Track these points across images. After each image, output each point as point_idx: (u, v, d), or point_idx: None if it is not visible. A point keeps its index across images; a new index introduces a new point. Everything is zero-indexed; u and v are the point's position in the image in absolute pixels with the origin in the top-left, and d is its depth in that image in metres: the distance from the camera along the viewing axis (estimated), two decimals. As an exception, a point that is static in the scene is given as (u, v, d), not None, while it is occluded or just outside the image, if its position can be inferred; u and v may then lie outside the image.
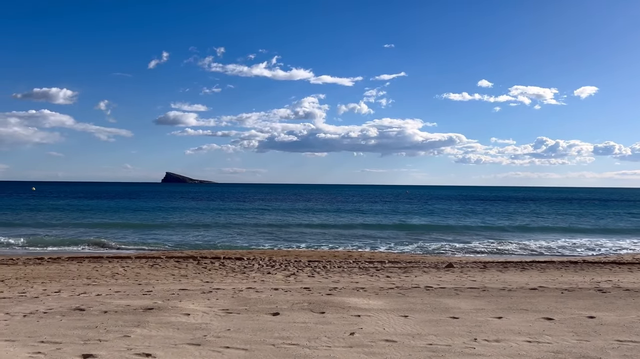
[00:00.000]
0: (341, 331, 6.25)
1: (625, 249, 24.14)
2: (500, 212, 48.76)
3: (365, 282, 12.51)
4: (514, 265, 17.25)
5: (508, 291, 10.57)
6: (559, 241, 26.37)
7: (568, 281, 12.84)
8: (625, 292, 10.40)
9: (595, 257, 20.49)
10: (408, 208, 53.25)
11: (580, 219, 42.56)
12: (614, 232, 30.36)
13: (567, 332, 6.33)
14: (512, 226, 33.85)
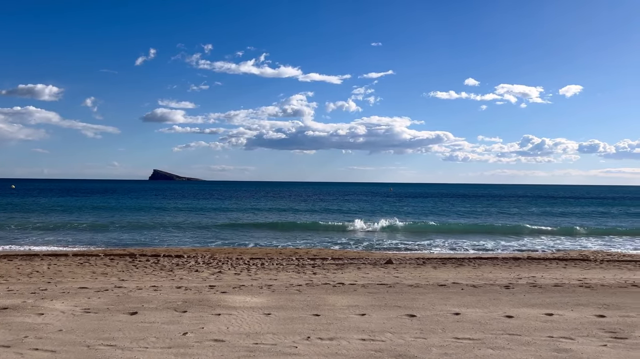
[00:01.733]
0: (177, 331, 6.03)
1: (584, 248, 24.14)
2: (472, 212, 48.84)
3: (283, 278, 12.32)
4: (453, 261, 17.12)
5: (415, 287, 10.43)
6: (523, 239, 26.35)
7: (489, 277, 12.72)
8: (532, 288, 10.30)
9: (541, 254, 20.45)
10: (379, 207, 53.04)
11: (550, 217, 42.71)
12: (578, 234, 30.34)
13: (415, 329, 6.17)
14: (477, 224, 33.81)
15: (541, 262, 17.21)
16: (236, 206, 52.64)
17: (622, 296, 8.85)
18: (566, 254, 20.52)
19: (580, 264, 16.89)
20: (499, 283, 11.21)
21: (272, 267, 15.48)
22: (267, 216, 38.70)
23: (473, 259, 17.68)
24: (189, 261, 17.11)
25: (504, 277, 12.69)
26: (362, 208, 50.36)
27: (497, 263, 16.77)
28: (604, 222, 37.39)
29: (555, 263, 16.94)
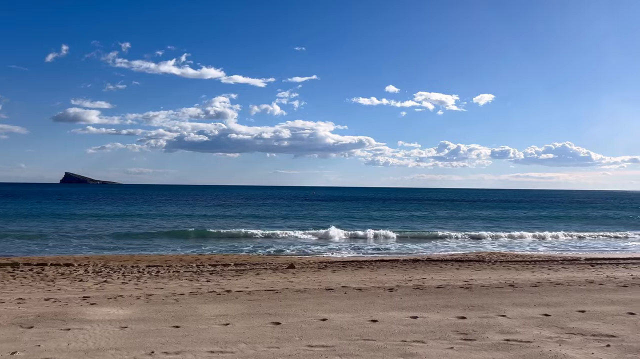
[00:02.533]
0: (7, 350, 5.45)
1: (485, 249, 25.23)
2: (386, 216, 49.96)
3: (170, 287, 11.77)
4: (354, 264, 17.24)
5: (301, 292, 10.31)
6: (430, 241, 27.13)
7: (381, 279, 12.85)
8: (415, 290, 10.47)
9: (441, 256, 21.13)
10: (294, 212, 52.92)
11: (458, 220, 44.54)
12: (482, 236, 31.76)
13: (273, 338, 5.97)
14: (387, 227, 34.56)
15: (438, 264, 17.73)
16: (148, 211, 50.57)
17: (492, 296, 9.17)
18: (464, 255, 21.35)
19: (474, 265, 17.56)
20: (387, 286, 11.34)
21: (165, 276, 14.82)
22: (178, 222, 37.44)
23: (374, 262, 17.91)
24: (78, 269, 16.04)
25: (395, 279, 12.87)
26: (280, 213, 50.01)
27: (395, 266, 17.06)
28: (508, 224, 39.52)
29: (451, 264, 17.52)
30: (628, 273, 14.34)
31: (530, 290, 10.13)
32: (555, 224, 40.34)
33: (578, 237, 29.18)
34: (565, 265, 17.64)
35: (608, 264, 17.94)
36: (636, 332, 6.10)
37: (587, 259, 19.78)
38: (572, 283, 11.69)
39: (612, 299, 8.71)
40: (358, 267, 16.63)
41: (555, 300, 8.55)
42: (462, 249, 24.74)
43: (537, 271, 15.45)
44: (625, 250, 24.58)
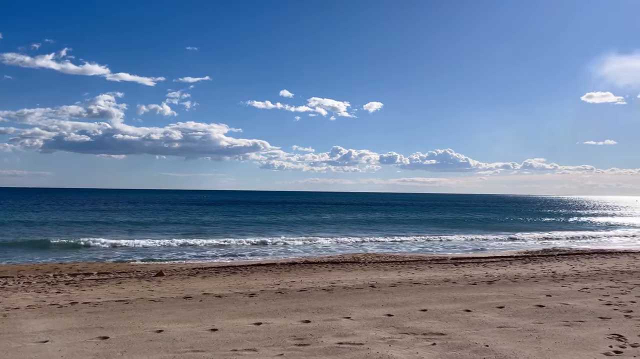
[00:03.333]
0: None
1: (366, 251, 25.83)
2: (274, 220, 49.84)
3: (11, 301, 10.49)
4: (227, 270, 16.74)
5: (154, 301, 9.66)
6: (312, 244, 27.22)
7: (249, 284, 12.51)
8: (276, 294, 10.26)
9: (318, 258, 21.29)
10: (176, 217, 50.96)
11: (345, 223, 45.57)
12: (367, 238, 32.66)
13: (91, 355, 5.36)
14: (273, 231, 34.37)
15: (313, 266, 17.79)
16: (11, 217, 45.92)
17: (347, 298, 9.22)
18: (341, 257, 21.72)
19: (347, 267, 17.82)
20: (251, 291, 11.03)
21: (11, 288, 13.31)
22: (45, 229, 34.34)
23: (249, 267, 17.56)
24: None
25: (264, 284, 12.61)
26: (160, 219, 47.71)
27: (271, 269, 16.83)
28: (390, 227, 41.14)
29: (325, 267, 17.66)
30: (483, 271, 15.34)
31: (386, 290, 10.35)
32: (434, 226, 42.77)
33: (447, 239, 31.00)
34: (432, 265, 18.53)
35: (470, 264, 19.15)
36: (464, 329, 6.32)
37: (453, 259, 21.02)
38: (430, 281, 12.19)
39: (457, 296, 9.12)
40: (231, 272, 16.19)
41: (404, 299, 8.76)
42: (342, 251, 25.19)
43: (405, 271, 16.03)
44: (494, 249, 26.48)
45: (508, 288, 10.35)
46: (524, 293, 9.47)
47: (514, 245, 29.13)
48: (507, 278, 12.75)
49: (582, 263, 18.22)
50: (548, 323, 6.71)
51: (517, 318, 7.07)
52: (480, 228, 40.79)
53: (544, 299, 8.71)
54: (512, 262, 19.48)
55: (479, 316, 7.20)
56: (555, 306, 7.95)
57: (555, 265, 17.62)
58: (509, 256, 22.33)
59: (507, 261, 19.84)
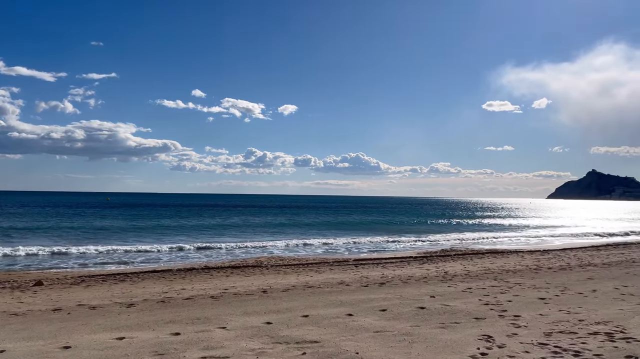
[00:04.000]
0: None
1: (266, 253, 25.39)
2: (180, 225, 48.14)
3: None
4: (115, 277, 15.65)
5: (11, 315, 8.66)
6: (212, 250, 26.36)
7: (134, 293, 11.67)
8: (158, 304, 9.60)
9: (219, 263, 20.62)
10: (56, 223, 47.52)
11: (253, 228, 44.91)
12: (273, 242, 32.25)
13: None
14: (172, 236, 33.05)
15: (212, 271, 17.10)
16: None
17: (231, 305, 8.78)
18: (244, 261, 21.16)
19: (247, 271, 17.31)
20: (134, 300, 10.26)
21: None
22: None
23: (141, 274, 16.58)
24: None
25: (151, 292, 11.84)
26: (51, 223, 44.20)
27: (165, 276, 15.97)
28: (301, 229, 41.08)
29: (224, 271, 17.03)
30: (380, 273, 15.49)
31: (277, 295, 10.03)
32: (342, 228, 43.32)
33: (353, 241, 31.40)
34: (334, 267, 18.52)
35: (371, 265, 19.37)
36: (340, 335, 6.13)
37: (355, 260, 21.21)
38: (324, 285, 12.04)
39: (344, 300, 8.98)
40: (120, 280, 15.16)
41: (290, 305, 8.47)
42: (248, 254, 24.62)
43: (304, 274, 15.83)
44: (396, 251, 27.08)
45: (397, 290, 10.41)
46: (411, 295, 9.53)
47: (416, 246, 30.04)
48: (401, 279, 12.91)
49: (475, 263, 19.04)
50: (425, 325, 6.69)
51: (396, 321, 7.01)
52: (387, 230, 41.86)
53: (428, 300, 8.79)
54: (410, 262, 19.97)
55: (359, 320, 7.06)
56: (436, 307, 8.02)
57: (450, 265, 18.25)
58: (409, 256, 22.93)
59: (405, 262, 20.31)
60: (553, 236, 38.89)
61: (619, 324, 6.65)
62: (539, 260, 19.46)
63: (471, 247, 28.69)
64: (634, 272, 13.08)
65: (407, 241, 32.69)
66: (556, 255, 22.08)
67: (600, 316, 7.20)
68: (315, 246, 29.15)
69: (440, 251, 26.36)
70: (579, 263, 17.54)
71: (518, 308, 7.88)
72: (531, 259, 20.20)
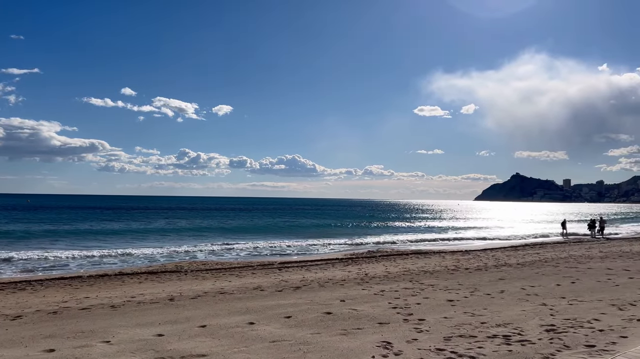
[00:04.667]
0: None
1: (187, 258, 24.48)
2: (102, 229, 45.87)
3: None
4: (15, 286, 14.40)
5: None
6: (129, 256, 25.08)
7: (28, 303, 10.69)
8: (48, 315, 8.77)
9: (136, 268, 19.59)
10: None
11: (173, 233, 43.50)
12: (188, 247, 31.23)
13: None
14: (89, 243, 31.28)
15: (125, 278, 16.17)
16: None
17: (127, 316, 8.14)
18: (163, 266, 20.21)
19: (164, 277, 16.52)
20: (23, 312, 9.35)
21: None
22: None
23: (45, 281, 15.41)
24: None
25: (49, 302, 10.93)
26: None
27: (71, 283, 14.92)
28: (231, 233, 40.16)
29: (138, 278, 16.13)
30: (301, 276, 15.21)
31: (184, 303, 9.46)
32: (275, 231, 42.83)
33: (286, 245, 31.00)
34: (257, 270, 18.04)
35: (295, 268, 19.05)
36: (234, 347, 5.73)
37: (281, 263, 20.83)
38: (239, 290, 11.57)
39: (251, 307, 8.57)
40: (20, 289, 13.99)
41: (190, 314, 7.96)
42: (167, 259, 23.59)
43: (223, 279, 15.27)
44: (326, 253, 26.91)
45: (310, 294, 10.13)
46: (322, 299, 9.27)
47: (345, 248, 30.05)
48: (319, 282, 12.66)
49: (397, 264, 19.18)
50: (326, 332, 6.41)
51: (298, 328, 6.68)
52: (319, 232, 41.84)
53: (337, 305, 8.55)
54: (335, 264, 19.85)
55: (260, 329, 6.68)
56: (343, 312, 7.78)
57: (372, 267, 18.26)
58: (335, 258, 22.83)
59: (330, 264, 20.17)
60: (477, 236, 40.24)
61: (518, 326, 6.67)
62: (458, 261, 19.89)
63: (397, 249, 29.05)
64: (543, 272, 13.52)
65: (337, 242, 32.65)
66: (476, 255, 22.71)
67: (503, 318, 7.22)
68: (243, 249, 28.45)
69: (367, 252, 26.47)
70: (495, 263, 18.05)
71: (425, 311, 7.79)
72: (451, 259, 20.63)
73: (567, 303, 8.42)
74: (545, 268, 14.66)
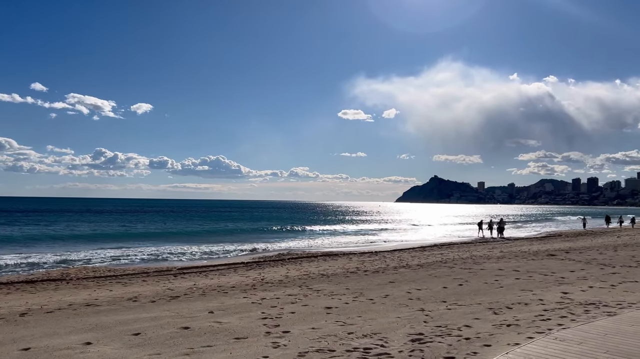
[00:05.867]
0: None
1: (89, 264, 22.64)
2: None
3: None
4: None
5: None
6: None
7: None
8: None
9: (14, 277, 17.71)
10: None
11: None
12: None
13: None
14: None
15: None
16: None
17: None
18: (47, 273, 18.46)
19: (42, 286, 15.10)
20: None
21: None
22: None
23: None
24: None
25: None
26: None
27: None
28: (139, 238, 38.00)
29: (8, 288, 14.52)
30: (193, 282, 14.25)
31: (30, 319, 8.26)
32: (189, 235, 41.13)
33: (198, 250, 29.67)
34: (150, 277, 16.91)
35: (194, 273, 18.02)
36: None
37: (180, 269, 19.66)
38: (112, 301, 10.43)
39: (100, 323, 7.58)
40: None
41: (27, 333, 6.87)
42: (56, 267, 21.66)
43: (106, 287, 14.04)
44: (236, 256, 25.91)
45: (183, 304, 9.25)
46: (191, 310, 8.44)
47: (256, 251, 29.14)
48: (205, 289, 11.77)
49: (301, 267, 18.63)
50: (168, 352, 5.61)
51: (139, 348, 5.83)
52: (236, 235, 40.79)
53: (202, 317, 7.75)
54: (237, 269, 18.98)
55: (93, 350, 5.75)
56: (202, 326, 6.99)
57: (274, 271, 17.58)
58: (240, 262, 21.95)
59: (232, 269, 19.28)
60: (392, 238, 40.75)
61: (384, 336, 6.20)
62: (363, 262, 19.66)
63: (309, 251, 28.58)
64: (437, 273, 13.43)
65: (251, 246, 31.63)
66: (382, 257, 22.66)
67: (373, 327, 6.74)
68: (149, 254, 26.83)
69: (277, 255, 25.78)
70: (397, 264, 17.94)
71: (295, 322, 7.17)
72: (357, 261, 20.38)
73: (446, 308, 8.13)
74: (441, 269, 14.62)
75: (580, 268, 13.90)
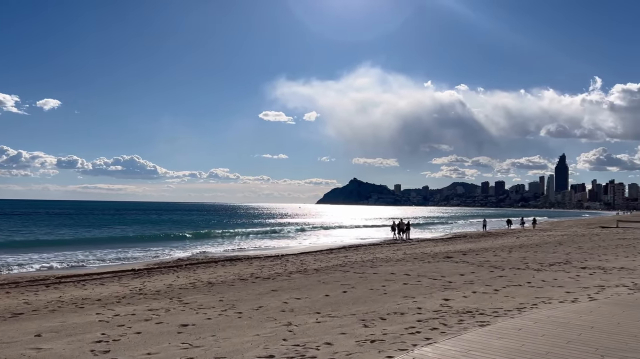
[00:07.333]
0: None
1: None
2: None
3: None
4: None
5: None
6: None
7: None
8: None
9: None
10: None
11: None
12: None
13: None
14: None
15: None
16: None
17: None
18: None
19: None
20: None
21: None
22: None
23: None
24: None
25: None
26: None
27: None
28: (27, 244, 34.76)
29: None
30: (60, 294, 12.68)
31: None
32: (88, 242, 38.34)
33: (92, 256, 27.36)
34: (20, 287, 15.18)
35: (70, 283, 16.46)
36: None
37: (58, 278, 17.78)
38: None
39: None
40: None
41: None
42: None
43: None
44: (130, 263, 24.03)
45: (17, 325, 7.88)
46: (16, 333, 7.13)
47: (158, 256, 27.32)
48: (65, 303, 10.35)
49: (193, 274, 17.42)
50: None
51: None
52: (138, 240, 38.42)
53: (24, 341, 6.51)
54: (122, 278, 17.43)
55: None
56: (13, 355, 5.76)
57: (161, 279, 16.26)
58: (130, 269, 20.22)
59: (117, 277, 17.70)
60: (307, 240, 40.15)
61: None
62: (262, 267, 18.76)
63: (212, 256, 27.19)
64: (326, 279, 12.80)
65: (152, 251, 29.66)
66: (286, 260, 21.86)
67: (222, 349, 5.85)
68: (29, 261, 24.25)
69: (174, 261, 24.23)
70: (295, 269, 17.22)
71: (132, 346, 6.13)
72: (257, 266, 19.46)
73: (316, 321, 7.41)
74: (335, 274, 14.04)
75: (471, 271, 13.83)
